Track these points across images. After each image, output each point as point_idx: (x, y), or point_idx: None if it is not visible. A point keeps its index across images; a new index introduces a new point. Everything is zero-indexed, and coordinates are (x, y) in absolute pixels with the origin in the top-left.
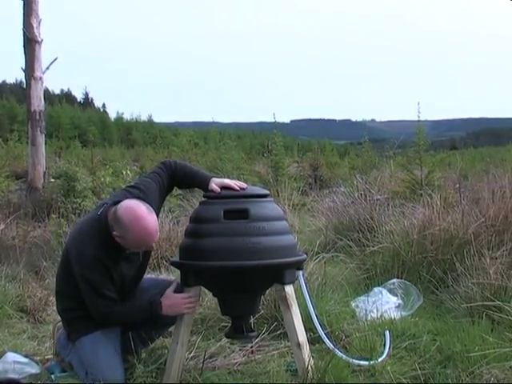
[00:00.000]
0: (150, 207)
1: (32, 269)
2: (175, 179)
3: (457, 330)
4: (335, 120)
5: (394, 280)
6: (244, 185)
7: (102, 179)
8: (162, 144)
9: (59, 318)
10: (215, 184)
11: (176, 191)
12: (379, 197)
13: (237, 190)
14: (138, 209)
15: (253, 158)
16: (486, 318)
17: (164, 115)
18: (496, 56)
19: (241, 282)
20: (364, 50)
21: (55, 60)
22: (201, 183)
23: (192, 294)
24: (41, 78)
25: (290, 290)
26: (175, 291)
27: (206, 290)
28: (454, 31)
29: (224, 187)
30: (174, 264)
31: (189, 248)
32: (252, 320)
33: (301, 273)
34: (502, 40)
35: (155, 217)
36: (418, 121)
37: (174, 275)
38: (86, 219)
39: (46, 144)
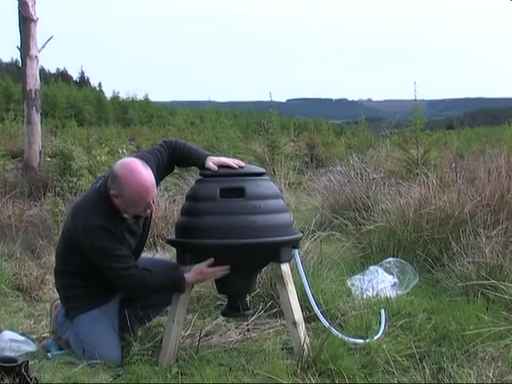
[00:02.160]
0: (146, 164)
1: (28, 247)
2: (174, 157)
3: (452, 308)
4: (331, 99)
5: (390, 259)
6: (242, 163)
7: (98, 158)
8: (158, 123)
9: (56, 296)
10: (212, 162)
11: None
12: (375, 176)
13: (235, 169)
14: (133, 163)
15: (249, 137)
16: (481, 296)
17: (160, 94)
18: (493, 36)
19: (237, 260)
20: (361, 29)
21: (51, 39)
22: (198, 161)
23: (221, 268)
24: (36, 57)
25: (286, 268)
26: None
27: None
28: (450, 12)
29: (221, 166)
30: (170, 242)
31: (185, 226)
32: (248, 298)
33: (297, 251)
34: (500, 21)
35: (151, 172)
36: (415, 100)
37: (170, 254)
38: (86, 194)
39: (41, 123)
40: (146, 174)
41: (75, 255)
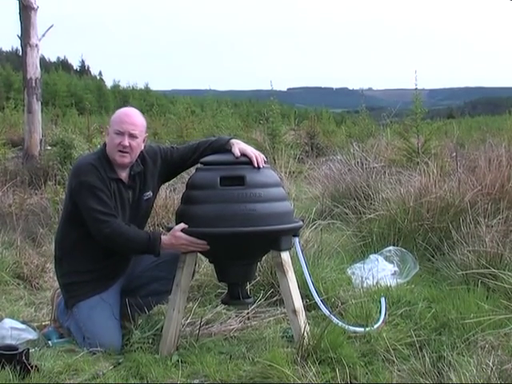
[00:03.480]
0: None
1: (29, 236)
2: (200, 146)
3: (452, 297)
4: (332, 88)
5: (391, 247)
6: (263, 159)
7: (99, 146)
8: (158, 112)
9: (57, 284)
10: (239, 149)
11: None
12: (376, 165)
13: (252, 164)
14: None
15: (249, 126)
16: (481, 285)
17: (161, 83)
18: (494, 25)
19: (237, 248)
20: (361, 18)
21: (51, 27)
22: (222, 144)
23: (198, 240)
24: (37, 46)
25: (286, 256)
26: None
27: (203, 257)
28: (451, 1)
29: (244, 155)
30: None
31: (185, 214)
32: (248, 286)
33: (297, 240)
34: (499, 10)
35: (142, 116)
36: (415, 89)
37: None
38: None
39: (42, 112)
40: (135, 110)
41: (73, 227)
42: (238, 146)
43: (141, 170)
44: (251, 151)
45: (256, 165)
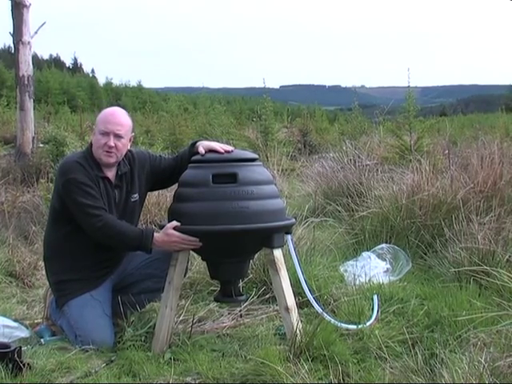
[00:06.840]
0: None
1: (21, 233)
2: (178, 158)
3: (445, 294)
4: (325, 86)
5: (383, 245)
6: (229, 148)
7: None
8: (151, 109)
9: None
10: (203, 146)
11: None
12: (368, 162)
13: (221, 153)
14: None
15: (242, 123)
16: (473, 282)
17: (153, 81)
18: (488, 23)
19: (229, 246)
20: (354, 16)
21: (43, 24)
22: (190, 149)
23: (190, 238)
24: (29, 43)
25: (278, 254)
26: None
27: (195, 254)
28: None
29: (211, 150)
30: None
31: (177, 212)
32: (241, 284)
33: (290, 237)
34: (493, 8)
35: (127, 115)
36: (408, 87)
37: None
38: None
39: (34, 109)
40: (121, 110)
41: (61, 226)
42: (202, 144)
43: (128, 171)
44: (215, 144)
45: (223, 151)
